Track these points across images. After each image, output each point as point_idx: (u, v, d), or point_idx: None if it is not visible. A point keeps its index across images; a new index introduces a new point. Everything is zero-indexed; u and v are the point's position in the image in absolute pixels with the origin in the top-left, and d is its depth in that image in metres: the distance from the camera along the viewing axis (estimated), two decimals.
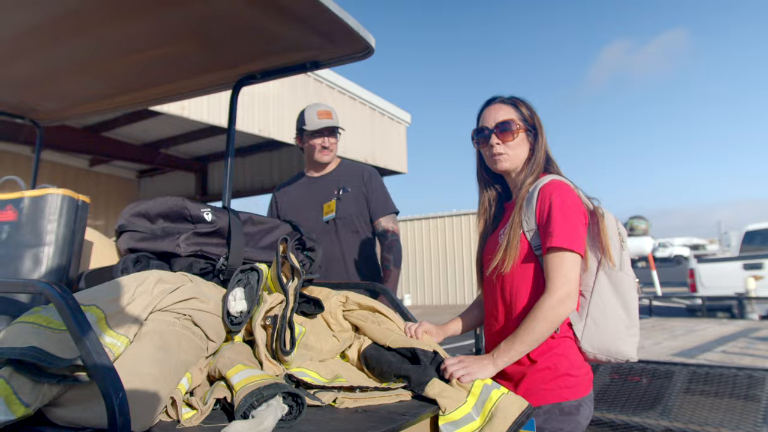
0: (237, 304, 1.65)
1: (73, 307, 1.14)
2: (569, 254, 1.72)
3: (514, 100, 1.99)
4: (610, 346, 1.80)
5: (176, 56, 2.31)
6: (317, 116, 3.14)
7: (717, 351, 5.16)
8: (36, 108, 3.04)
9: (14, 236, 1.74)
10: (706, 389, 4.09)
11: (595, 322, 1.80)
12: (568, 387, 1.77)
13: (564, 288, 1.70)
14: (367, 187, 3.16)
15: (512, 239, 1.85)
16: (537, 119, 1.98)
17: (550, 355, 1.79)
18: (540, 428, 1.73)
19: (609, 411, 4.02)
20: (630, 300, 1.83)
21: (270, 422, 1.25)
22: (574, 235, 1.73)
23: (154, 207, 1.88)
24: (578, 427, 1.75)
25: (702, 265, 11.64)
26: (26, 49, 2.25)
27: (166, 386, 1.34)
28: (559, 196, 1.78)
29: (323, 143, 3.15)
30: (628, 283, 1.83)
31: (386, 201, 3.19)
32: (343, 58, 2.30)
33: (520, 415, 1.52)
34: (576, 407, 1.76)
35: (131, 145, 13.36)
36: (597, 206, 1.88)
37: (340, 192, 3.13)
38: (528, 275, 1.84)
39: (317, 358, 1.74)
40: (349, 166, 3.32)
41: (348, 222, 3.10)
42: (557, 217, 1.75)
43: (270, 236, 2.06)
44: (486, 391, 1.57)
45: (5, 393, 1.17)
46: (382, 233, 3.14)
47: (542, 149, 1.95)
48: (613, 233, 1.86)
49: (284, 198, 3.31)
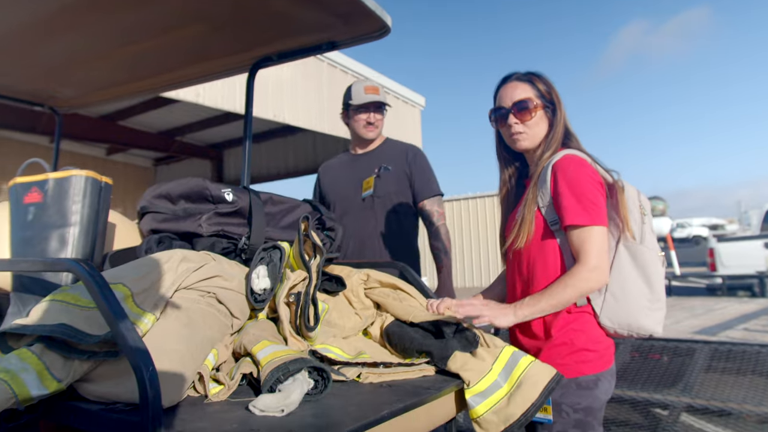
0: (260, 281, 1.67)
1: (101, 284, 1.16)
2: (596, 228, 1.72)
3: (530, 76, 1.96)
4: (631, 320, 1.78)
5: (193, 40, 2.31)
6: (364, 91, 3.07)
7: (738, 329, 5.13)
8: (55, 95, 3.07)
9: (40, 217, 1.76)
10: (728, 366, 4.08)
11: (614, 297, 1.78)
12: (586, 362, 1.76)
13: (597, 259, 1.69)
14: (410, 166, 3.06)
15: (527, 215, 1.84)
16: (555, 94, 1.95)
17: (567, 330, 1.78)
18: (556, 402, 1.73)
19: (630, 389, 4.02)
20: (652, 274, 1.81)
21: (297, 396, 1.26)
22: (596, 209, 1.73)
23: (175, 188, 1.89)
24: (596, 402, 1.74)
25: (722, 244, 11.54)
26: (45, 37, 2.26)
27: (193, 362, 1.36)
28: (575, 170, 1.77)
29: (368, 119, 3.07)
30: (650, 256, 1.81)
31: (431, 182, 3.08)
32: (360, 37, 2.29)
33: (550, 381, 1.52)
34: (594, 382, 1.75)
35: (147, 134, 13.46)
36: (617, 179, 1.85)
37: (380, 170, 3.05)
38: (544, 250, 1.84)
39: (340, 335, 1.75)
40: (394, 144, 3.22)
41: (386, 200, 3.01)
42: (578, 193, 1.74)
43: (290, 216, 2.07)
44: (514, 358, 1.58)
45: (38, 368, 1.19)
46: (426, 217, 3.06)
47: (561, 124, 1.93)
48: (634, 206, 1.84)
49: (327, 175, 3.26)
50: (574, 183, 1.75)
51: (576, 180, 1.75)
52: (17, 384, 1.15)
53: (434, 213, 3.01)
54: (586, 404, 1.73)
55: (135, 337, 1.10)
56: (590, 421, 1.73)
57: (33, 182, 1.81)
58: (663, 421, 3.67)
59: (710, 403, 3.67)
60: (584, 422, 1.72)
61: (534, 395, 1.49)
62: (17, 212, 1.81)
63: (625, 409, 3.95)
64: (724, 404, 3.61)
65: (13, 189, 1.85)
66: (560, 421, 1.73)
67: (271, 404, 1.22)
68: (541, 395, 1.49)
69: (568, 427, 1.72)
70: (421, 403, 1.40)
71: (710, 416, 3.66)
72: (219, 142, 14.72)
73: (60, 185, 1.78)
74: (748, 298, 9.42)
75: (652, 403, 3.85)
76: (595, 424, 1.74)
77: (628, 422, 3.89)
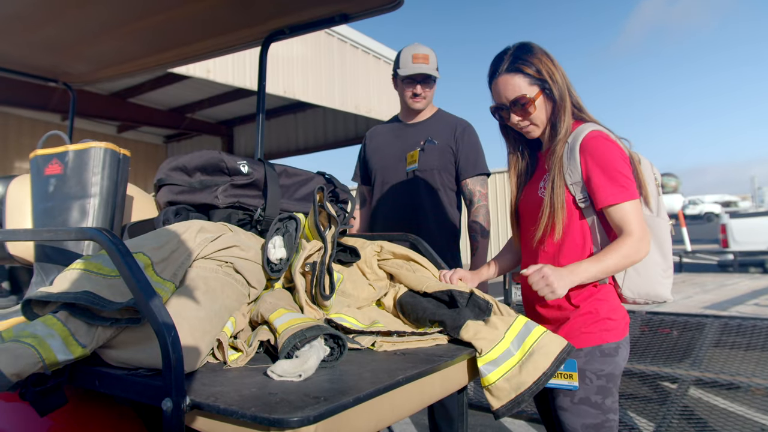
0: (276, 251, 1.69)
1: (124, 252, 1.19)
2: (632, 202, 1.73)
3: (517, 65, 1.85)
4: (649, 290, 1.83)
5: (205, 14, 2.32)
6: (412, 59, 2.89)
7: (749, 304, 5.13)
8: (68, 71, 3.09)
9: (61, 188, 1.79)
10: (738, 341, 4.09)
11: (635, 269, 1.82)
12: (608, 330, 1.80)
13: (641, 231, 1.71)
14: (457, 142, 2.93)
15: (556, 201, 1.80)
16: (547, 67, 1.84)
17: (592, 300, 1.81)
18: (581, 369, 1.77)
19: (639, 362, 4.05)
20: (665, 244, 1.86)
21: (313, 362, 1.29)
22: (630, 183, 1.74)
23: (191, 161, 1.92)
24: (617, 368, 1.79)
25: (734, 220, 11.47)
26: (58, 12, 2.27)
27: (212, 329, 1.39)
28: (603, 148, 1.76)
29: (415, 90, 2.92)
30: (664, 227, 1.86)
31: (477, 161, 2.94)
32: (372, 10, 2.28)
33: (561, 351, 1.55)
34: (615, 349, 1.79)
35: (158, 111, 13.50)
36: (633, 152, 1.85)
37: (425, 143, 2.93)
38: (572, 227, 1.83)
39: (354, 305, 1.78)
40: (444, 117, 3.06)
41: (429, 175, 2.91)
42: (609, 171, 1.73)
43: (305, 188, 2.09)
44: (527, 328, 1.60)
45: (63, 334, 1.23)
46: (467, 195, 2.95)
47: (565, 98, 1.85)
48: (650, 179, 1.86)
49: (373, 140, 3.17)
50: (605, 161, 1.74)
51: (606, 158, 1.74)
52: (44, 349, 1.19)
53: (476, 192, 2.92)
54: (608, 371, 1.78)
55: (157, 303, 1.13)
56: (611, 387, 1.78)
57: (53, 154, 1.84)
58: (672, 395, 3.70)
59: (719, 377, 3.69)
60: (606, 388, 1.77)
61: (546, 364, 1.52)
62: (38, 184, 1.84)
63: (635, 383, 3.99)
64: (733, 378, 3.63)
65: (34, 161, 1.88)
66: (584, 388, 1.77)
67: (288, 369, 1.25)
68: (552, 365, 1.52)
69: (591, 393, 1.76)
70: (436, 369, 1.42)
71: (719, 389, 3.69)
72: (229, 118, 14.74)
73: (80, 157, 1.81)
74: (759, 274, 9.39)
75: (661, 377, 3.88)
76: (614, 390, 1.79)
77: (637, 395, 3.92)
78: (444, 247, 2.84)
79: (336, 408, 1.07)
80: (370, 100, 11.91)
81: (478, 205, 2.90)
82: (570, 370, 1.76)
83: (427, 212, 2.90)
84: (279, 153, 14.89)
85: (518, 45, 1.89)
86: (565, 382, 1.76)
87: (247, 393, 1.15)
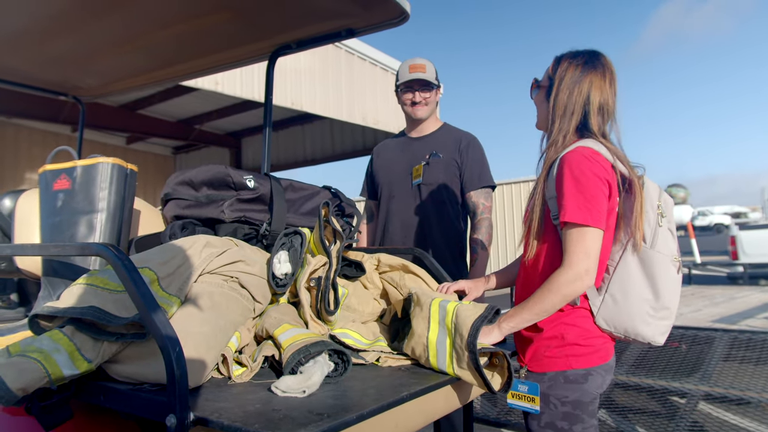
0: (282, 266, 1.70)
1: (129, 268, 1.20)
2: (589, 229, 1.62)
3: (557, 58, 1.86)
4: (627, 325, 1.71)
5: (213, 28, 2.34)
6: (409, 70, 2.95)
7: (760, 318, 5.08)
8: (78, 85, 3.12)
9: (69, 203, 1.81)
10: (748, 355, 4.05)
11: (613, 299, 1.71)
12: (576, 356, 1.71)
13: (582, 264, 1.60)
14: (462, 155, 2.93)
15: (536, 209, 1.78)
16: (564, 73, 1.80)
17: (558, 324, 1.73)
18: (545, 394, 1.71)
19: (648, 377, 4.01)
20: (661, 280, 1.71)
21: (317, 377, 1.29)
22: (592, 209, 1.62)
23: (197, 175, 1.93)
24: (585, 395, 1.70)
25: (744, 232, 11.37)
26: (69, 27, 2.30)
27: (217, 344, 1.39)
28: (578, 166, 1.66)
29: (413, 98, 2.96)
30: (659, 261, 1.71)
31: (481, 173, 2.94)
32: (379, 24, 2.30)
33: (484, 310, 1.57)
34: (583, 376, 1.70)
35: (166, 122, 13.59)
36: (640, 175, 1.75)
37: (430, 157, 2.94)
38: (545, 244, 1.78)
39: (360, 320, 1.78)
40: (449, 131, 3.07)
41: (434, 190, 2.91)
42: (575, 190, 1.64)
43: (310, 203, 2.10)
44: (443, 308, 1.60)
45: (70, 349, 1.24)
46: (470, 208, 2.93)
47: (565, 109, 1.79)
48: (650, 207, 1.74)
49: (380, 155, 3.20)
50: (576, 178, 1.65)
51: (578, 175, 1.65)
52: (50, 364, 1.19)
53: (479, 205, 2.90)
54: (574, 398, 1.70)
55: (162, 319, 1.14)
56: (579, 414, 1.70)
57: (62, 169, 1.86)
58: (681, 410, 3.66)
59: (729, 392, 3.65)
60: (573, 415, 1.70)
61: (467, 327, 1.51)
62: (47, 199, 1.86)
63: (643, 397, 3.95)
64: (743, 393, 3.59)
65: (42, 176, 1.90)
66: (548, 413, 1.71)
67: (292, 385, 1.25)
68: (473, 325, 1.51)
69: (556, 419, 1.70)
70: (440, 385, 1.42)
71: (728, 405, 3.65)
72: (237, 130, 14.82)
73: (88, 172, 1.83)
74: None
75: (670, 391, 3.84)
76: (584, 416, 1.71)
77: (646, 410, 3.89)
78: (450, 261, 2.84)
79: (339, 425, 1.07)
80: (378, 111, 11.94)
81: (480, 217, 2.90)
82: (532, 393, 1.70)
83: (432, 226, 2.91)
84: (287, 164, 14.94)
85: (587, 49, 1.86)
86: (528, 404, 1.71)
87: (251, 409, 1.15)
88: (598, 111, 1.78)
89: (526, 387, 1.71)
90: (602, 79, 1.78)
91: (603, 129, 1.80)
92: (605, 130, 1.80)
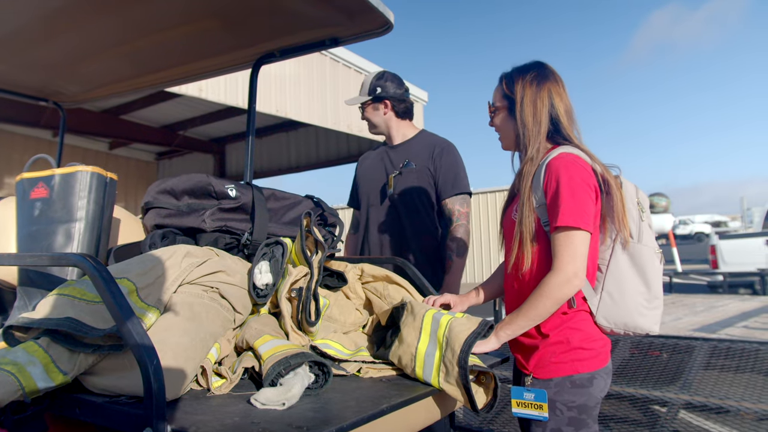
0: (263, 276, 1.69)
1: (106, 278, 1.18)
2: (577, 232, 1.67)
3: (505, 76, 1.93)
4: (627, 320, 1.77)
5: (197, 35, 2.33)
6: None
7: (739, 326, 5.14)
8: (60, 91, 3.09)
9: (47, 212, 1.78)
10: (727, 364, 4.09)
11: (611, 297, 1.77)
12: (581, 360, 1.74)
13: (570, 266, 1.65)
14: (435, 163, 2.91)
15: (525, 220, 1.79)
16: (523, 91, 1.86)
17: (563, 329, 1.76)
18: (552, 400, 1.73)
19: (629, 385, 4.03)
20: (650, 272, 1.79)
21: (297, 389, 1.29)
22: (581, 212, 1.67)
23: (179, 184, 1.91)
24: (591, 399, 1.73)
25: (724, 241, 11.50)
26: (50, 33, 2.28)
27: (196, 356, 1.38)
28: (566, 172, 1.71)
29: (364, 116, 3.14)
30: (647, 254, 1.79)
31: (456, 180, 2.91)
32: (363, 34, 2.30)
33: (478, 325, 1.58)
34: (588, 380, 1.73)
35: (149, 128, 13.46)
36: (616, 175, 1.82)
37: (403, 166, 2.95)
38: (538, 252, 1.79)
39: (341, 330, 1.77)
40: (425, 138, 3.06)
41: (407, 199, 2.91)
42: (564, 195, 1.69)
43: (292, 212, 2.09)
44: (435, 321, 1.61)
45: (45, 361, 1.22)
46: (447, 215, 2.90)
47: (532, 124, 1.84)
48: (632, 204, 1.82)
49: (362, 165, 3.23)
50: (564, 184, 1.70)
51: (567, 181, 1.70)
52: (24, 376, 1.17)
53: (455, 212, 2.88)
54: (580, 402, 1.72)
55: (140, 331, 1.13)
56: (584, 418, 1.72)
57: (39, 177, 1.83)
58: (662, 418, 3.68)
59: (709, 401, 3.68)
60: (578, 420, 1.72)
61: (460, 343, 1.52)
62: (24, 207, 1.83)
63: (624, 406, 3.97)
64: (723, 401, 3.62)
65: (20, 184, 1.88)
66: (554, 419, 1.72)
67: (272, 398, 1.24)
68: (466, 341, 1.52)
69: (562, 425, 1.72)
70: (420, 398, 1.42)
71: (708, 413, 3.68)
72: (221, 136, 14.73)
73: (66, 181, 1.80)
74: (749, 295, 9.41)
75: (650, 400, 3.86)
76: (589, 421, 1.74)
77: (627, 419, 3.91)
78: (428, 270, 2.83)
79: None
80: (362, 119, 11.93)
81: (456, 224, 2.87)
82: (540, 400, 1.71)
83: (408, 235, 2.91)
84: (271, 171, 14.87)
85: (530, 63, 1.93)
86: (535, 412, 1.71)
87: (230, 422, 1.14)
88: (565, 117, 1.86)
89: (532, 395, 1.72)
90: (558, 86, 1.87)
91: (572, 134, 1.87)
92: (573, 134, 1.88)
